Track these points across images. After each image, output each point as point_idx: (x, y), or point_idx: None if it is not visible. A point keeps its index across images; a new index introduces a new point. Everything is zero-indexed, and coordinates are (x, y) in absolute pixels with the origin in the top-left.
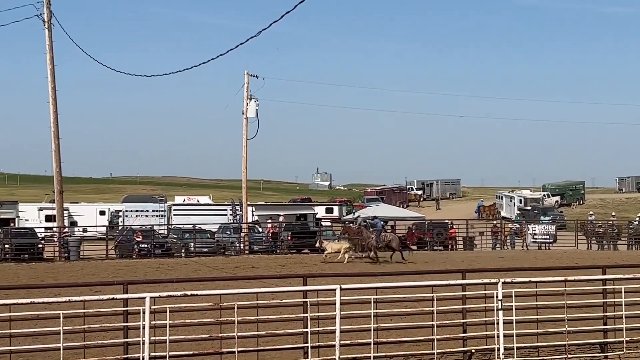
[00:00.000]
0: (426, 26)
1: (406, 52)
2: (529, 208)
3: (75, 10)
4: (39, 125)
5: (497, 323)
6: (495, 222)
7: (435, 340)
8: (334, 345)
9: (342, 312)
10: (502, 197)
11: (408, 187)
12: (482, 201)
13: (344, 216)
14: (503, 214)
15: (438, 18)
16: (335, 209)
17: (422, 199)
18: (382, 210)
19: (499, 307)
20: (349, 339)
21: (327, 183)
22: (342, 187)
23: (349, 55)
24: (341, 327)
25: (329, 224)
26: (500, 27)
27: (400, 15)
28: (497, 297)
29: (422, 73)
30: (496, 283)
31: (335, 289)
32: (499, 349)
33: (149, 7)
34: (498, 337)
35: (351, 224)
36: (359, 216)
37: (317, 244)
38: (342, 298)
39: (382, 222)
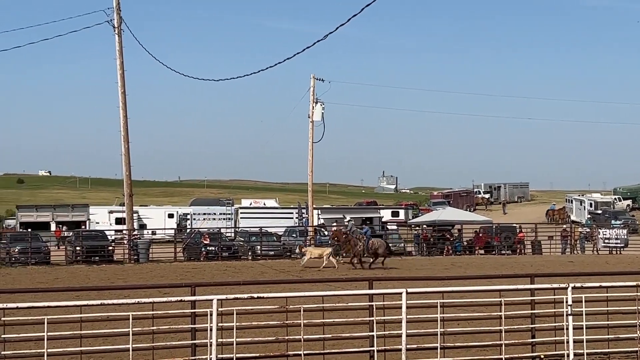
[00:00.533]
0: (493, 28)
1: (473, 54)
2: (599, 212)
3: (145, 15)
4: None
5: (567, 328)
6: (564, 226)
7: (503, 346)
8: (400, 350)
9: (408, 316)
10: (572, 201)
11: (475, 190)
12: (554, 204)
13: (410, 219)
14: (573, 217)
15: (502, 20)
16: (402, 212)
17: (489, 203)
18: (449, 214)
19: (569, 312)
20: (415, 343)
21: (393, 186)
22: (408, 191)
23: (416, 58)
24: (407, 331)
25: (395, 227)
26: (569, 29)
27: (467, 18)
28: (566, 302)
29: (490, 75)
30: (566, 288)
31: (401, 293)
32: (568, 355)
33: (217, 12)
34: (568, 342)
35: (342, 229)
36: (349, 221)
37: (298, 249)
38: (408, 302)
39: (369, 229)
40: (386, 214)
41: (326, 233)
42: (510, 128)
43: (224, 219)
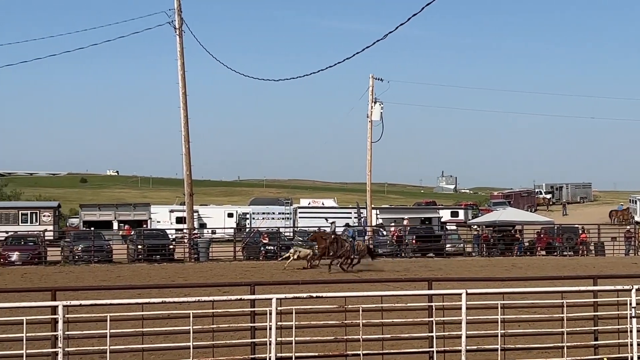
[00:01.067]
0: (555, 26)
1: (534, 53)
2: None
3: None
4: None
5: (630, 331)
6: (628, 227)
7: (565, 348)
8: (459, 351)
9: (468, 317)
10: (636, 202)
11: (536, 190)
12: (621, 205)
13: (469, 220)
14: (637, 218)
15: (564, 17)
16: (461, 212)
17: (550, 203)
18: (510, 214)
19: (633, 314)
20: (475, 344)
21: (453, 186)
22: (467, 191)
23: (476, 57)
24: (467, 332)
25: (454, 227)
26: (633, 27)
27: (529, 15)
28: (630, 304)
29: (552, 74)
30: (630, 290)
31: (461, 294)
32: (632, 358)
33: (276, 11)
34: (631, 345)
35: (326, 230)
36: (333, 222)
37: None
38: (468, 302)
39: (353, 231)
40: (445, 214)
41: (385, 233)
42: (572, 127)
43: (282, 218)
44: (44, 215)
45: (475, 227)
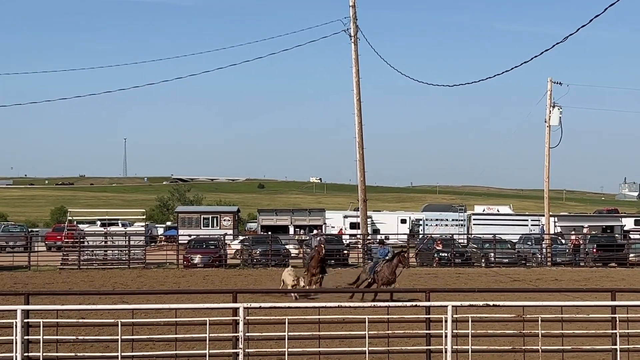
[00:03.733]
0: None
1: None
2: None
3: (378, 22)
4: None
5: None
6: None
7: None
8: None
9: None
10: None
11: None
12: None
13: None
14: None
15: None
16: None
17: None
18: None
19: None
20: None
21: (636, 193)
22: None
23: None
24: None
25: (639, 236)
26: None
27: None
28: None
29: None
30: None
31: None
32: None
33: (451, 17)
34: None
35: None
36: (315, 235)
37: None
38: None
39: (388, 250)
40: (628, 223)
41: (563, 242)
42: None
43: (456, 225)
44: (224, 220)
45: None
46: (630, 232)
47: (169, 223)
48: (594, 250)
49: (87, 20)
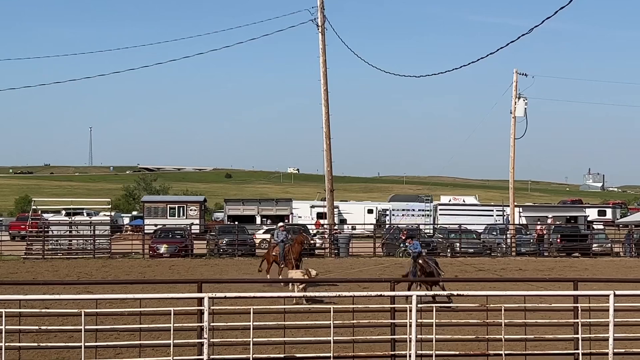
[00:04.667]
0: None
1: None
2: None
3: (346, 12)
4: (312, 126)
5: None
6: None
7: None
8: (606, 354)
9: (616, 319)
10: None
11: None
12: None
13: (617, 219)
14: None
15: None
16: (609, 211)
17: None
18: None
19: None
20: (622, 347)
21: (600, 184)
22: (615, 189)
23: (623, 50)
24: (615, 335)
25: (602, 227)
26: None
27: None
28: None
29: None
30: None
31: (608, 295)
32: None
33: (420, 7)
34: None
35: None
36: (281, 226)
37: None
38: (616, 304)
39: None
40: (592, 213)
41: (528, 232)
42: None
43: (422, 215)
44: (190, 210)
45: (624, 226)
46: (594, 223)
47: (134, 213)
48: (558, 240)
49: (52, 6)
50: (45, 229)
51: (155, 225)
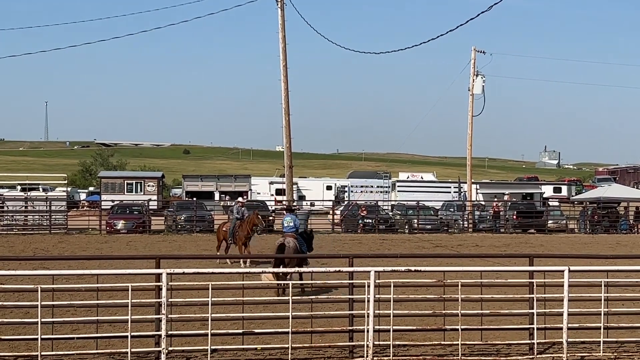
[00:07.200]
0: None
1: None
2: None
3: None
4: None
5: None
6: None
7: None
8: (560, 328)
9: (570, 294)
10: None
11: None
12: None
13: (572, 196)
14: None
15: None
16: (564, 188)
17: None
18: (615, 191)
19: None
20: (576, 322)
21: (555, 162)
22: (571, 166)
23: (581, 29)
24: (569, 310)
25: (557, 204)
26: None
27: None
28: None
29: None
30: None
31: (563, 271)
32: None
33: None
34: None
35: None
36: (238, 202)
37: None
38: (570, 280)
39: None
40: (548, 190)
41: (485, 209)
42: None
43: (381, 191)
44: (148, 185)
45: (579, 203)
46: (549, 200)
47: (91, 188)
48: (514, 216)
49: None
50: (0, 205)
51: (113, 201)
